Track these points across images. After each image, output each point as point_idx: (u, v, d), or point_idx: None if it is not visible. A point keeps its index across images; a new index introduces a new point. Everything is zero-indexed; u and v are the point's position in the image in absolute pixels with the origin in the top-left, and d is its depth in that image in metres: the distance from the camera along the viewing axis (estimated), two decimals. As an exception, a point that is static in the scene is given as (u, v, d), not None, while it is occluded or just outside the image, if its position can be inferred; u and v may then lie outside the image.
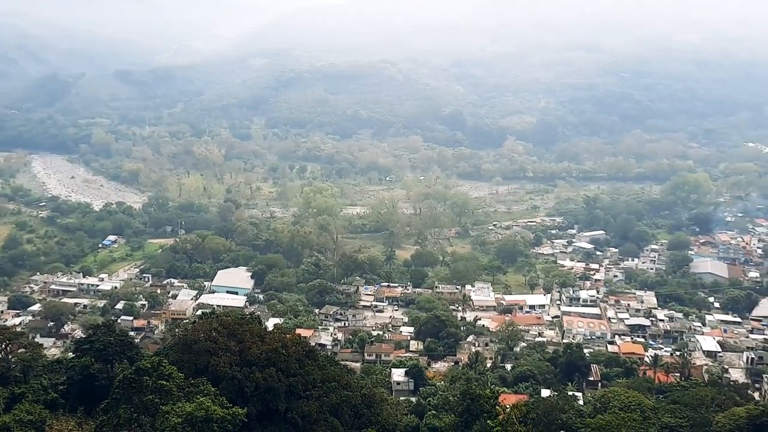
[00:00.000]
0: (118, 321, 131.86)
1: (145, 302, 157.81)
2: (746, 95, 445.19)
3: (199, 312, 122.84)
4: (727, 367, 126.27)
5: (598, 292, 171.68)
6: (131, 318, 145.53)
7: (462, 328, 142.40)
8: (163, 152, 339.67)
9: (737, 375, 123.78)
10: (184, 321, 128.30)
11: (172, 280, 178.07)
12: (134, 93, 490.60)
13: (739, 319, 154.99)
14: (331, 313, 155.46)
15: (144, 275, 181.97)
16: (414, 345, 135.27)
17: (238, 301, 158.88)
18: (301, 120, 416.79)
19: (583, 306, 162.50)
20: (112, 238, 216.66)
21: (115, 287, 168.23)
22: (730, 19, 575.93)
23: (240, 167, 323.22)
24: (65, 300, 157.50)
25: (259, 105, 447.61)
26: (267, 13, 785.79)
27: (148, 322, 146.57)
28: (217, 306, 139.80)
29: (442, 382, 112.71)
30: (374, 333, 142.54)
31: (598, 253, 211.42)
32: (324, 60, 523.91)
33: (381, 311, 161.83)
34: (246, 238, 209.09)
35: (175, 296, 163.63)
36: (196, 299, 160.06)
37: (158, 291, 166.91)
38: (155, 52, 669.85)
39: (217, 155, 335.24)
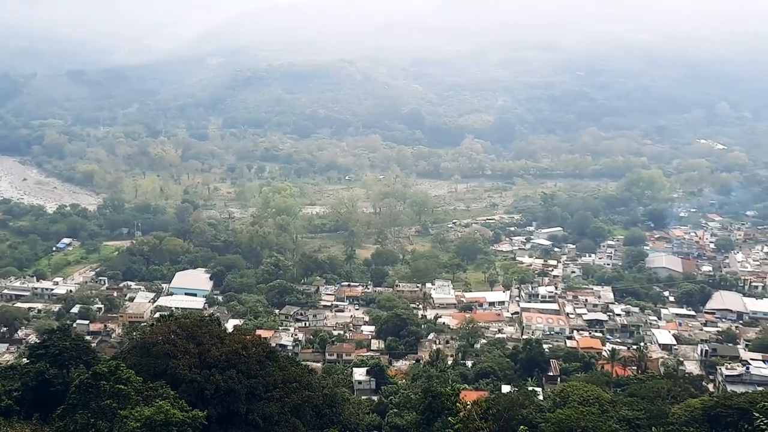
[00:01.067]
0: (74, 325, 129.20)
1: (102, 306, 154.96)
2: (698, 93, 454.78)
3: (157, 314, 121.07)
4: (682, 359, 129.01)
5: (556, 288, 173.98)
6: (87, 322, 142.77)
7: (423, 326, 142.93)
8: (119, 153, 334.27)
9: (692, 367, 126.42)
10: (142, 324, 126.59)
11: (129, 282, 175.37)
12: (88, 93, 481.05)
13: (693, 313, 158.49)
14: (292, 313, 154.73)
15: (100, 278, 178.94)
16: (375, 344, 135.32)
17: (197, 302, 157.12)
18: (259, 119, 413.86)
19: (541, 302, 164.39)
20: (66, 240, 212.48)
21: (70, 291, 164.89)
22: (681, 19, 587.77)
23: (197, 168, 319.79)
24: (18, 305, 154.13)
25: (216, 105, 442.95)
26: (224, 12, 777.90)
27: (105, 325, 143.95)
28: (176, 308, 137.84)
29: (404, 381, 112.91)
30: (335, 333, 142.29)
31: (555, 249, 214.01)
32: (282, 59, 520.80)
33: (342, 311, 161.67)
34: (204, 239, 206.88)
35: (132, 299, 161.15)
36: (154, 302, 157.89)
37: (115, 294, 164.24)
38: (110, 52, 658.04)
39: (173, 156, 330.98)
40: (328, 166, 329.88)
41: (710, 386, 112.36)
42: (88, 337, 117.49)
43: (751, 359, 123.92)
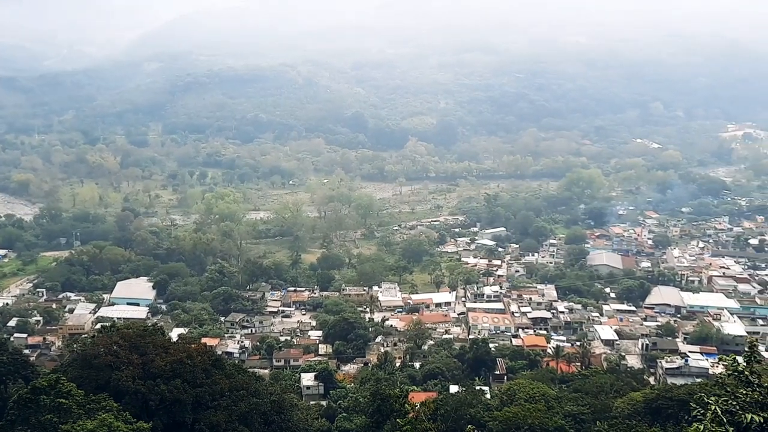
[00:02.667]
0: (11, 339, 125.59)
1: (40, 318, 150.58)
2: (633, 94, 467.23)
3: (98, 326, 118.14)
4: (624, 354, 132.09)
5: (501, 287, 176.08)
6: (25, 335, 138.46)
7: (370, 329, 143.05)
8: (55, 161, 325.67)
9: (633, 361, 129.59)
10: (83, 336, 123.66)
11: (69, 293, 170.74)
12: (21, 100, 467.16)
13: (633, 308, 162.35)
14: (238, 320, 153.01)
15: (38, 290, 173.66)
16: (323, 348, 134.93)
17: (140, 312, 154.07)
18: (200, 125, 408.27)
19: (487, 302, 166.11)
20: (1, 252, 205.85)
21: (7, 304, 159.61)
22: (616, 22, 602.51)
23: (138, 175, 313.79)
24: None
25: (155, 110, 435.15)
26: (161, 17, 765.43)
27: (44, 338, 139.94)
28: (118, 318, 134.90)
29: (352, 384, 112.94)
30: (282, 338, 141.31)
31: (500, 249, 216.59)
32: (222, 64, 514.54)
33: (288, 316, 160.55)
34: (146, 247, 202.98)
35: (72, 310, 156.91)
36: (95, 312, 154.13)
37: (54, 306, 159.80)
38: (44, 58, 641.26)
39: (112, 163, 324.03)
40: (272, 170, 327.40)
41: (651, 379, 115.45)
42: (26, 351, 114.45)
43: (689, 352, 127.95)
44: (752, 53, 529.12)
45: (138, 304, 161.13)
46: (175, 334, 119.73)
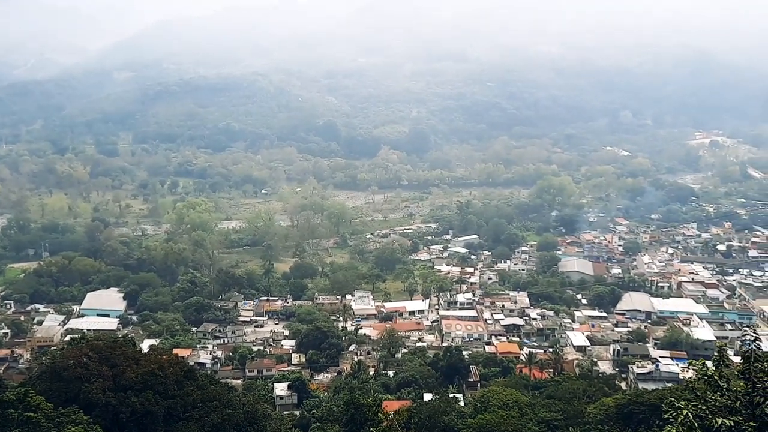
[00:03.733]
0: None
1: (8, 330, 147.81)
2: (603, 102, 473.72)
3: (67, 338, 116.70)
4: (595, 360, 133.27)
5: (474, 294, 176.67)
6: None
7: (344, 338, 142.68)
8: (23, 171, 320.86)
9: (605, 367, 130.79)
10: (52, 348, 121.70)
11: (37, 305, 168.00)
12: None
13: (604, 314, 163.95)
14: (210, 330, 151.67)
15: (5, 302, 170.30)
16: (296, 358, 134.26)
17: (110, 323, 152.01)
18: (171, 134, 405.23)
19: (460, 309, 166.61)
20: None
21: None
22: (585, 30, 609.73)
23: (108, 184, 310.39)
24: None
25: (125, 119, 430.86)
26: (132, 25, 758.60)
27: (12, 351, 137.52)
28: (88, 330, 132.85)
29: (326, 394, 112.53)
30: (255, 348, 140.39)
31: (472, 256, 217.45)
32: (193, 72, 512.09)
33: (261, 326, 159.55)
34: (117, 257, 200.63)
35: (40, 322, 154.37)
36: (64, 324, 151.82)
37: (22, 318, 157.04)
38: (12, 67, 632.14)
39: (82, 173, 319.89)
40: (244, 179, 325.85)
41: (623, 384, 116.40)
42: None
43: (660, 357, 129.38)
44: (718, 63, 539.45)
45: (108, 315, 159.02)
46: (146, 345, 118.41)
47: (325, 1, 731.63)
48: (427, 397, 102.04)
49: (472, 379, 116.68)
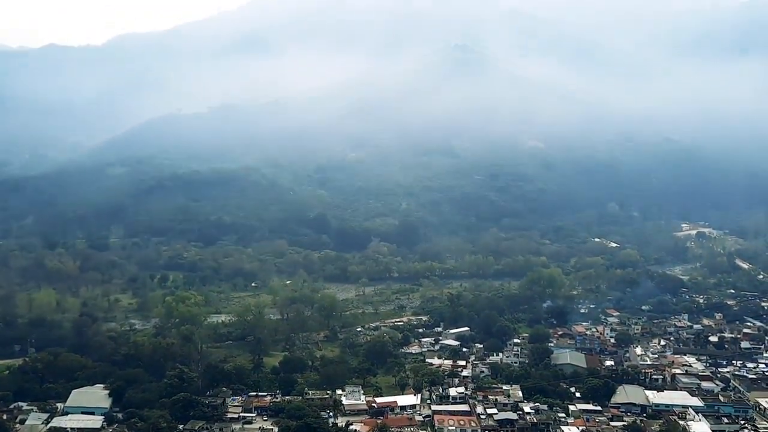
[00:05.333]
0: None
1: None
2: (589, 194, 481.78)
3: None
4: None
5: (466, 388, 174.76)
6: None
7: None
8: (13, 266, 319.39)
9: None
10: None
11: (21, 403, 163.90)
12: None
13: (599, 408, 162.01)
14: (197, 428, 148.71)
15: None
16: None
17: (95, 421, 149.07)
18: (163, 228, 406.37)
19: (452, 403, 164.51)
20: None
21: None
22: (569, 125, 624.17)
23: (97, 279, 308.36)
24: None
25: (117, 214, 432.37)
26: (126, 122, 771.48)
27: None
28: (72, 429, 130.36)
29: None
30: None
31: (464, 349, 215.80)
32: (186, 167, 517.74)
33: (249, 422, 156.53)
34: (104, 353, 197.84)
35: (23, 421, 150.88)
36: (48, 422, 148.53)
37: (4, 416, 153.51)
38: (5, 164, 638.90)
39: (72, 267, 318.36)
40: (234, 272, 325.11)
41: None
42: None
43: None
44: (699, 157, 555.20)
45: (93, 413, 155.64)
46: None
47: (318, 100, 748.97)
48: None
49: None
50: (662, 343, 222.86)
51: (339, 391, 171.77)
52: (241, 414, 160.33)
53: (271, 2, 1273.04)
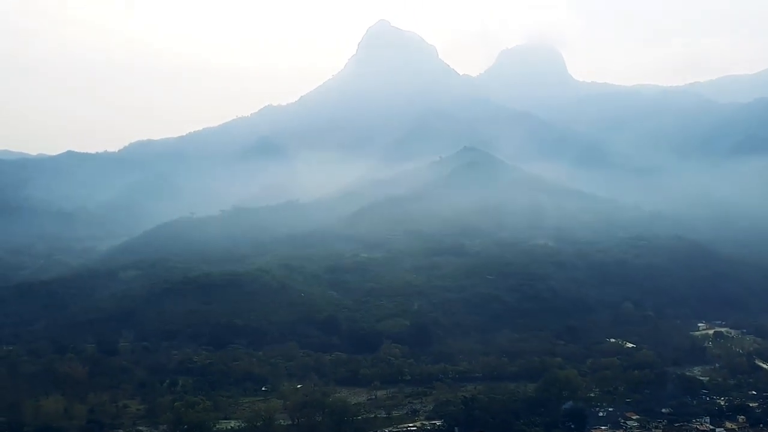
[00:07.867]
0: None
1: None
2: (603, 294, 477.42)
3: None
4: None
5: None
6: None
7: None
8: (21, 372, 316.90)
9: None
10: None
11: None
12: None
13: None
14: None
15: None
16: None
17: None
18: (173, 331, 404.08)
19: None
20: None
21: None
22: (579, 225, 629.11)
23: (105, 384, 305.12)
24: None
25: (128, 318, 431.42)
26: (140, 226, 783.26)
27: None
28: None
29: None
30: None
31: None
32: (198, 270, 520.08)
33: None
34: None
35: None
36: None
37: None
38: (21, 268, 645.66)
39: (80, 373, 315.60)
40: (244, 376, 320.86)
41: None
42: None
43: None
44: (712, 255, 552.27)
45: None
46: None
47: (329, 202, 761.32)
48: None
49: None
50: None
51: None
52: None
53: (284, 109, 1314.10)
